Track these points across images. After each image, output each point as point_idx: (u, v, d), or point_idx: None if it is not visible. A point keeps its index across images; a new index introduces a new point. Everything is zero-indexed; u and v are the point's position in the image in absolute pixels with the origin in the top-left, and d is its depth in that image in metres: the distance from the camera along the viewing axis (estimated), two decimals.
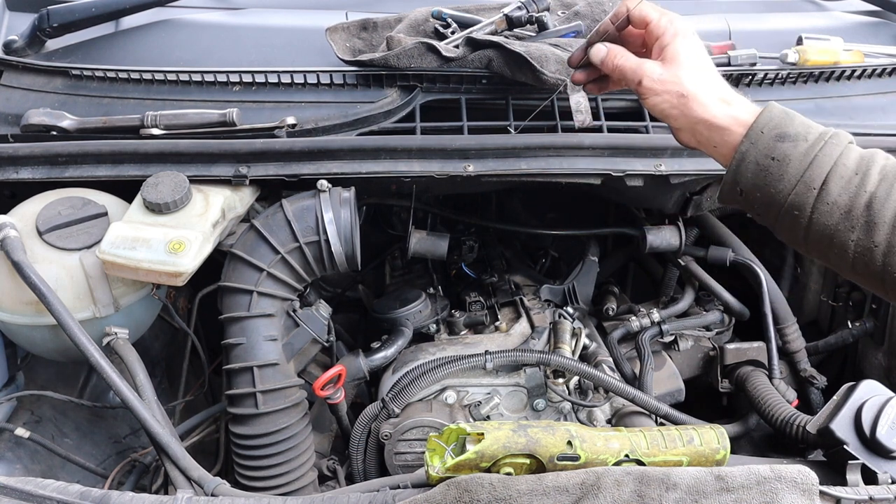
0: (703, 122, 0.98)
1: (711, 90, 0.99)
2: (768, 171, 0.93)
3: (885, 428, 1.06)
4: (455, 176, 1.26)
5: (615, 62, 1.05)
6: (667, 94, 1.00)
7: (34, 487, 0.90)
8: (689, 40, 1.02)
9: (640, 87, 1.02)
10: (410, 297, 1.49)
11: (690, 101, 0.98)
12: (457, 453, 0.91)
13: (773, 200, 0.93)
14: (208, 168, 1.25)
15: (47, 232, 1.18)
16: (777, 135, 0.93)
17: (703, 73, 1.00)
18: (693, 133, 1.01)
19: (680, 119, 1.00)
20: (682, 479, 0.85)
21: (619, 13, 1.07)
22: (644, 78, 1.01)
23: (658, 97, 1.01)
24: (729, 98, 0.99)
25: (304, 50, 1.47)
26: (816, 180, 0.90)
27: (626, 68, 1.04)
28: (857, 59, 1.53)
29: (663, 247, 1.53)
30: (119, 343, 1.18)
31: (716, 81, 1.00)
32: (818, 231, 0.91)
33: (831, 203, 0.90)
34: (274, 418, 1.20)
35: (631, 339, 1.52)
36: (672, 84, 0.99)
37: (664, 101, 1.00)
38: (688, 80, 0.99)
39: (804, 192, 0.91)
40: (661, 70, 1.00)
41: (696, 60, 1.01)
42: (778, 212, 0.93)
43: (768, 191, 0.93)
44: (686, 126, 1.01)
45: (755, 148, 0.94)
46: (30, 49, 1.48)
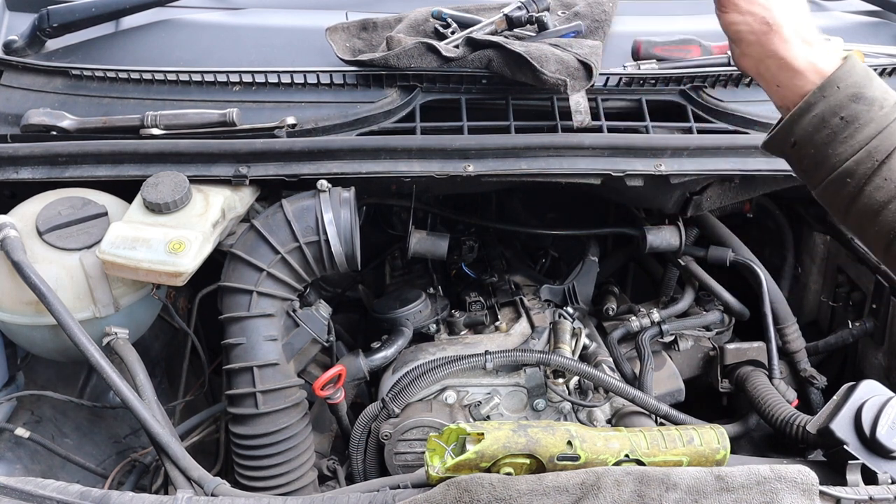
0: (778, 59, 0.90)
1: (798, 27, 0.90)
2: (833, 130, 0.86)
3: (885, 428, 1.06)
4: (455, 176, 1.27)
5: None
6: (751, 15, 0.91)
7: (34, 487, 0.90)
8: None
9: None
10: (410, 297, 1.49)
11: (774, 33, 0.89)
12: (457, 453, 0.91)
13: (828, 161, 0.87)
14: (208, 168, 1.25)
15: (47, 232, 1.18)
16: (854, 94, 0.86)
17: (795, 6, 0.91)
18: (759, 64, 0.92)
19: (753, 46, 0.91)
20: (682, 479, 0.85)
21: None
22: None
23: (740, 16, 0.91)
24: (813, 40, 0.90)
25: (304, 50, 1.47)
26: (882, 152, 0.84)
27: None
28: None
29: (663, 247, 1.53)
30: (119, 343, 1.18)
31: (804, 18, 0.91)
32: (866, 204, 0.86)
33: (889, 179, 0.84)
34: (274, 418, 1.20)
35: (631, 339, 1.52)
36: (761, 7, 0.90)
37: (745, 23, 0.91)
38: (779, 8, 0.90)
39: (865, 160, 0.85)
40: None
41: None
42: (829, 174, 0.87)
43: (826, 150, 0.86)
44: (756, 55, 0.92)
45: (826, 102, 0.86)
46: (30, 49, 1.48)
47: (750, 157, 1.31)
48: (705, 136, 1.33)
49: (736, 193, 1.49)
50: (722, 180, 1.43)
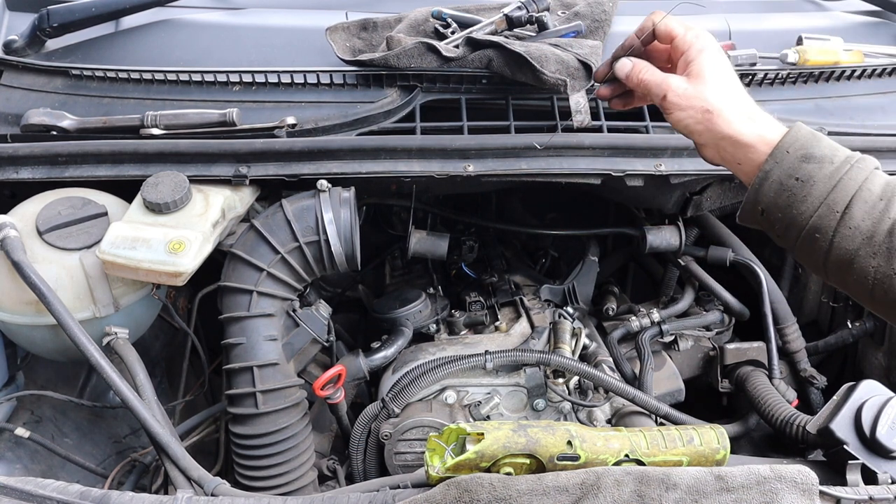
0: (728, 139, 0.97)
1: (737, 106, 0.98)
2: (791, 192, 0.91)
3: (885, 428, 1.06)
4: (455, 176, 1.27)
5: (640, 76, 1.04)
6: (691, 109, 0.98)
7: (34, 487, 0.90)
8: (715, 55, 1.00)
9: (665, 101, 1.01)
10: (410, 297, 1.49)
11: (715, 116, 0.97)
12: (457, 453, 0.91)
13: (795, 222, 0.92)
14: (208, 168, 1.25)
15: (47, 232, 1.18)
16: (803, 155, 0.92)
17: (729, 89, 0.99)
18: (717, 149, 0.99)
19: (704, 135, 0.99)
20: (682, 479, 0.85)
21: (645, 27, 1.05)
22: (669, 92, 1.00)
23: (683, 112, 0.99)
24: (755, 115, 0.98)
25: (304, 50, 1.47)
26: (840, 203, 0.89)
27: (651, 83, 1.03)
28: (857, 59, 1.53)
29: (663, 247, 1.53)
30: (119, 343, 1.18)
31: (742, 98, 0.99)
32: (838, 255, 0.90)
33: (854, 227, 0.88)
34: (274, 418, 1.20)
35: (631, 339, 1.52)
36: (697, 99, 0.98)
37: (689, 117, 0.99)
38: (713, 95, 0.97)
39: (827, 214, 0.90)
40: (687, 85, 0.99)
41: (721, 76, 0.99)
42: (799, 234, 0.92)
43: (790, 211, 0.92)
44: (710, 142, 0.99)
45: (779, 167, 0.92)
46: (30, 49, 1.48)
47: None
48: None
49: (736, 193, 1.49)
50: (722, 180, 1.43)
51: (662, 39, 1.05)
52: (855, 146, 1.33)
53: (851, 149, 1.33)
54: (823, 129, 1.39)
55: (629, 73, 1.06)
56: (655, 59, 1.07)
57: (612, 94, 1.13)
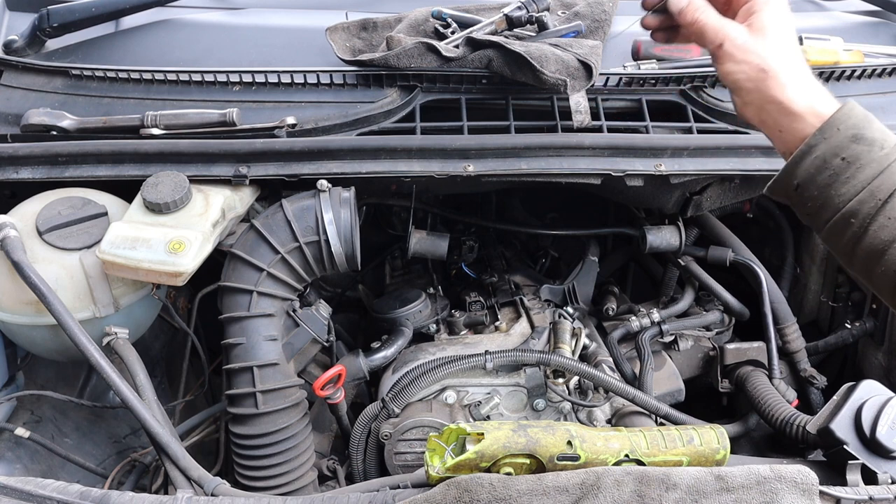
0: (777, 104, 0.91)
1: (795, 72, 0.92)
2: (834, 171, 0.87)
3: (885, 428, 1.06)
4: (455, 176, 1.27)
5: (696, 15, 0.96)
6: (746, 64, 0.92)
7: (34, 487, 0.90)
8: (780, 12, 0.94)
9: (720, 49, 0.93)
10: (410, 297, 1.49)
11: (770, 78, 0.91)
12: (457, 453, 0.91)
13: (830, 203, 0.87)
14: (208, 168, 1.25)
15: (47, 232, 1.18)
16: (854, 135, 0.87)
17: (789, 51, 0.92)
18: (760, 111, 0.93)
19: (752, 94, 0.93)
20: (682, 479, 0.85)
21: None
22: (726, 41, 0.93)
23: (736, 65, 0.93)
24: (810, 85, 0.92)
25: (304, 50, 1.47)
26: (884, 191, 0.85)
27: (708, 26, 0.95)
28: (857, 59, 1.53)
29: (663, 247, 1.53)
30: (119, 343, 1.18)
31: (801, 63, 0.93)
32: (871, 244, 0.86)
33: (893, 217, 0.84)
34: (274, 418, 1.20)
35: (631, 339, 1.52)
36: (755, 55, 0.92)
37: (741, 72, 0.93)
38: (773, 54, 0.91)
39: (867, 200, 0.85)
40: (747, 37, 0.92)
41: (784, 36, 0.93)
42: (832, 216, 0.88)
43: (828, 191, 0.87)
44: (756, 102, 0.93)
45: (827, 143, 0.87)
46: (30, 49, 1.48)
47: (750, 157, 1.31)
48: (705, 136, 1.33)
49: (736, 193, 1.49)
50: (722, 180, 1.43)
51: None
52: None
53: None
54: None
55: (684, 9, 0.97)
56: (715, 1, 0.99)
57: (659, 25, 1.03)
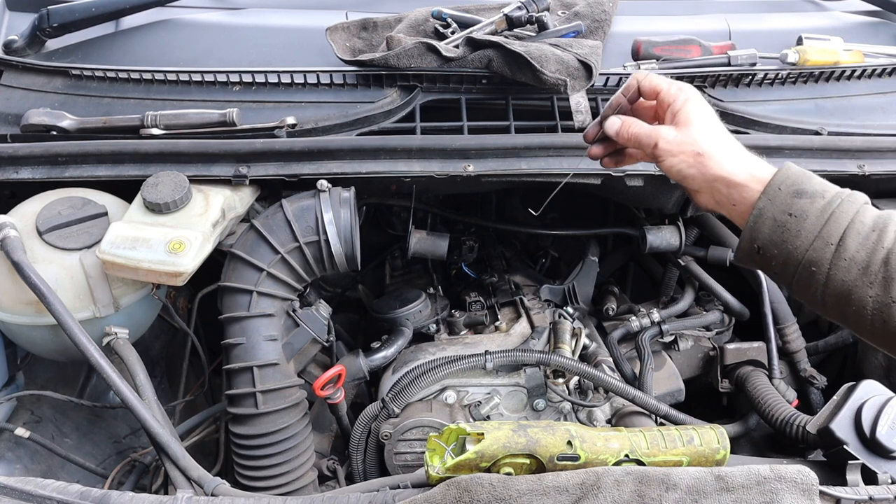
0: (721, 180, 0.99)
1: (727, 148, 1.00)
2: (786, 227, 0.93)
3: (885, 428, 1.06)
4: (455, 176, 1.26)
5: (630, 131, 1.06)
6: (683, 154, 1.01)
7: (34, 487, 0.90)
8: (699, 104, 1.03)
9: (657, 149, 1.03)
10: (410, 297, 1.49)
11: (707, 158, 0.99)
12: (457, 453, 0.91)
13: (791, 257, 0.93)
14: (208, 168, 1.25)
15: (47, 232, 1.18)
16: (795, 191, 0.94)
17: (716, 133, 1.01)
18: (712, 192, 1.01)
19: (698, 179, 1.01)
20: (682, 479, 0.85)
21: (630, 86, 1.08)
22: (660, 140, 1.02)
23: (675, 158, 1.01)
24: (744, 156, 1.00)
25: (304, 50, 1.47)
26: (834, 236, 0.91)
27: (641, 134, 1.05)
28: (857, 59, 1.53)
29: (663, 247, 1.53)
30: (119, 343, 1.18)
31: (730, 140, 1.02)
32: (836, 288, 0.91)
33: (849, 259, 0.90)
34: (274, 418, 1.20)
35: (631, 339, 1.52)
36: (687, 144, 1.00)
37: (681, 162, 1.01)
38: (702, 139, 1.00)
39: (822, 247, 0.91)
40: (676, 132, 1.02)
41: (708, 121, 1.02)
42: (796, 268, 0.94)
43: (785, 247, 0.94)
44: (704, 186, 1.01)
45: (773, 204, 0.94)
46: (30, 49, 1.48)
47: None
48: None
49: None
50: None
51: (647, 95, 1.08)
52: (855, 146, 1.34)
53: (852, 149, 1.34)
54: (824, 129, 1.40)
55: (619, 130, 1.08)
56: (643, 116, 1.10)
57: (604, 153, 1.14)
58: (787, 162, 0.98)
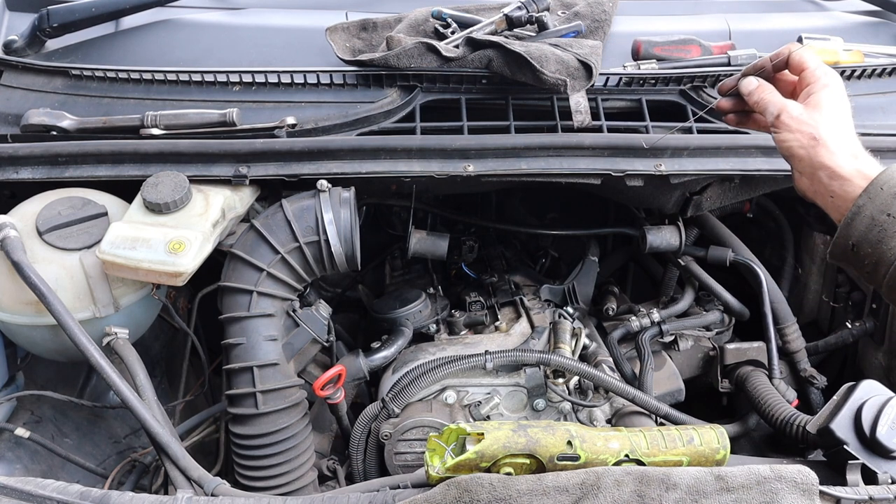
0: (827, 169, 0.99)
1: (844, 141, 1.00)
2: (882, 227, 0.93)
3: (885, 428, 1.05)
4: (455, 176, 1.27)
5: (761, 95, 1.07)
6: (800, 133, 1.01)
7: (34, 487, 0.90)
8: (837, 93, 1.04)
9: (778, 120, 1.03)
10: (410, 297, 1.49)
11: (821, 145, 0.99)
12: (457, 453, 0.91)
13: (884, 257, 0.93)
14: (208, 168, 1.25)
15: (47, 232, 1.18)
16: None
17: (840, 125, 1.01)
18: (813, 179, 1.01)
19: (804, 161, 1.01)
20: (682, 479, 0.85)
21: (781, 53, 1.09)
22: (783, 113, 1.03)
23: (791, 134, 1.02)
24: (859, 153, 1.00)
25: (304, 50, 1.47)
26: None
27: (771, 102, 1.06)
28: (857, 59, 1.53)
29: (663, 247, 1.53)
30: (119, 343, 1.18)
31: (850, 136, 1.02)
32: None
33: None
34: (274, 418, 1.20)
35: (631, 339, 1.52)
36: (808, 125, 1.01)
37: (795, 140, 1.01)
38: (825, 126, 1.00)
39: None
40: (802, 110, 1.02)
41: (838, 112, 1.02)
42: (888, 270, 0.94)
43: (880, 247, 0.94)
44: (808, 170, 1.01)
45: (872, 203, 0.94)
46: (30, 49, 1.48)
47: (750, 157, 1.31)
48: (705, 136, 1.33)
49: (736, 193, 1.49)
50: (722, 180, 1.43)
51: (794, 69, 1.08)
52: None
53: None
54: None
55: (753, 91, 1.09)
56: (780, 89, 1.10)
57: (732, 108, 1.15)
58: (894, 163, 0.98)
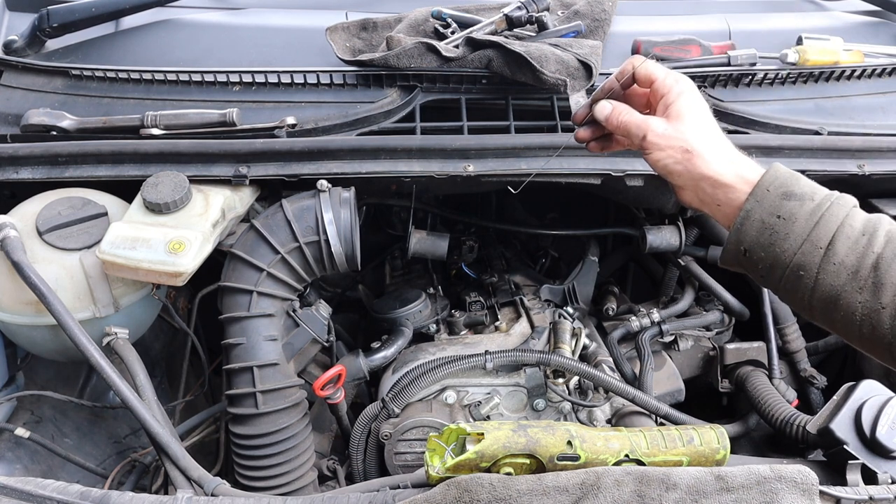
0: (708, 179, 0.96)
1: (717, 147, 0.98)
2: (774, 230, 0.91)
3: (885, 428, 1.06)
4: (455, 176, 1.27)
5: (620, 118, 1.04)
6: (671, 149, 0.98)
7: (34, 487, 0.90)
8: (694, 98, 1.01)
9: (645, 141, 1.00)
10: (410, 297, 1.49)
11: (695, 156, 0.97)
12: (457, 453, 0.91)
13: (778, 260, 0.92)
14: (208, 168, 1.25)
15: (47, 232, 1.18)
16: (783, 193, 0.92)
17: (708, 131, 0.99)
18: (696, 191, 0.99)
19: (684, 176, 0.98)
20: (682, 479, 0.85)
21: (625, 71, 1.05)
22: (649, 132, 1.00)
23: (662, 152, 0.99)
24: (734, 157, 0.98)
25: (304, 50, 1.47)
26: (823, 239, 0.89)
27: (631, 123, 1.02)
28: (857, 59, 1.53)
29: (663, 247, 1.53)
30: (119, 343, 1.18)
31: (721, 140, 0.99)
32: (824, 292, 0.90)
33: (838, 263, 0.88)
34: (274, 418, 1.20)
35: (631, 339, 1.52)
36: (676, 140, 0.98)
37: (668, 157, 0.99)
38: (693, 136, 0.98)
39: (810, 251, 0.89)
40: (667, 125, 0.99)
41: (701, 118, 1.00)
42: (783, 272, 0.92)
43: (773, 250, 0.92)
44: (689, 184, 0.99)
45: (760, 206, 0.92)
46: (30, 49, 1.48)
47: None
48: None
49: None
50: None
51: (642, 83, 1.05)
52: (855, 146, 1.34)
53: (852, 149, 1.34)
54: (824, 129, 1.39)
55: (609, 116, 1.05)
56: (634, 103, 1.07)
57: (592, 136, 1.11)
58: (776, 163, 0.96)
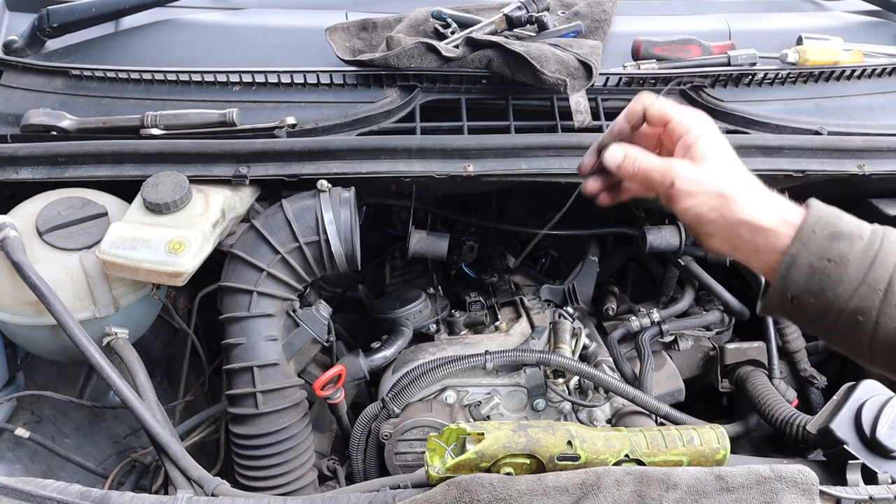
0: (746, 224, 0.87)
1: (750, 189, 0.88)
2: (824, 274, 0.83)
3: (885, 428, 1.06)
4: (455, 176, 1.27)
5: (637, 165, 0.93)
6: (704, 195, 0.88)
7: (34, 487, 0.90)
8: (716, 137, 0.92)
9: (672, 189, 0.90)
10: (410, 297, 1.49)
11: (730, 201, 0.87)
12: (457, 453, 0.91)
13: (831, 306, 0.83)
14: (208, 168, 1.25)
15: (47, 232, 1.18)
16: (831, 234, 0.84)
17: (738, 172, 0.90)
18: (731, 238, 0.89)
19: (718, 223, 0.88)
20: (682, 479, 0.85)
21: (635, 111, 0.95)
22: (676, 179, 0.89)
23: (694, 199, 0.88)
24: (768, 196, 0.89)
25: (304, 50, 1.47)
26: (881, 280, 0.81)
27: (653, 170, 0.91)
28: (857, 59, 1.53)
29: (663, 247, 1.53)
30: (119, 343, 1.18)
31: (752, 180, 0.90)
32: (886, 336, 0.82)
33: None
34: (274, 418, 1.20)
35: (631, 339, 1.52)
36: (709, 184, 0.88)
37: (702, 203, 0.88)
38: (724, 179, 0.88)
39: (868, 294, 0.81)
40: (695, 169, 0.89)
41: (727, 159, 0.91)
42: (837, 319, 0.84)
43: (825, 296, 0.83)
44: (723, 230, 0.89)
45: (807, 249, 0.84)
46: (30, 49, 1.48)
47: (749, 156, 1.31)
48: None
49: None
50: None
51: (654, 124, 0.94)
52: (855, 146, 1.34)
53: (852, 149, 1.34)
54: (824, 129, 1.39)
55: (622, 163, 0.93)
56: (643, 144, 0.96)
57: (601, 187, 1.00)
58: (814, 200, 0.87)
